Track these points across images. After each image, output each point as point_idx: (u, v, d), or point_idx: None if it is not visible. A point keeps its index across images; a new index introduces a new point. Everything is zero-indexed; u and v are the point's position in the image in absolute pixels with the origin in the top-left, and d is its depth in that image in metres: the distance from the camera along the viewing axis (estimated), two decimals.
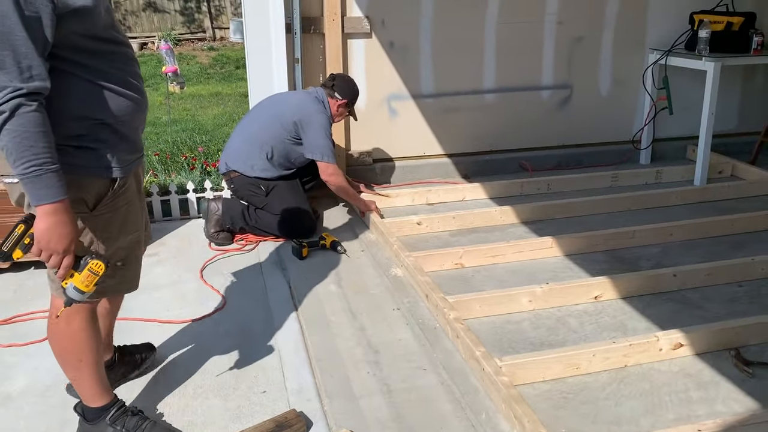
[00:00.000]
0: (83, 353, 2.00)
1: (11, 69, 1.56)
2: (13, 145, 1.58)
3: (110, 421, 2.08)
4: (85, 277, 1.77)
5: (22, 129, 1.58)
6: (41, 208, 1.65)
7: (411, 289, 3.05)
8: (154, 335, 2.74)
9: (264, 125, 3.71)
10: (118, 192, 1.88)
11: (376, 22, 4.34)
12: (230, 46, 13.19)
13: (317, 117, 3.64)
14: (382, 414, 2.21)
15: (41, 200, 1.64)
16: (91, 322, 2.00)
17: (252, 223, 3.65)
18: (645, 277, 3.04)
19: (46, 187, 1.63)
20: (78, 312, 1.95)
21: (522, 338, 2.67)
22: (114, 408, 2.10)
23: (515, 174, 4.68)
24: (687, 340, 2.51)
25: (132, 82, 1.85)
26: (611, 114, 4.93)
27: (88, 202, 1.83)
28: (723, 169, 4.62)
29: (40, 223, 1.66)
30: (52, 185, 1.63)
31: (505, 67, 4.63)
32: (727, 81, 4.59)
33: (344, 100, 3.76)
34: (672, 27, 4.70)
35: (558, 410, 2.24)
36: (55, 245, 1.69)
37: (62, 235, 1.68)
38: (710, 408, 2.24)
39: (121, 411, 2.10)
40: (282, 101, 3.80)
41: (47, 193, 1.63)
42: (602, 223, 3.81)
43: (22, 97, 1.57)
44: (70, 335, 1.98)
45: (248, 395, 2.35)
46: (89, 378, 2.04)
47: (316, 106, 3.69)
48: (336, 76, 3.83)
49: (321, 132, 3.63)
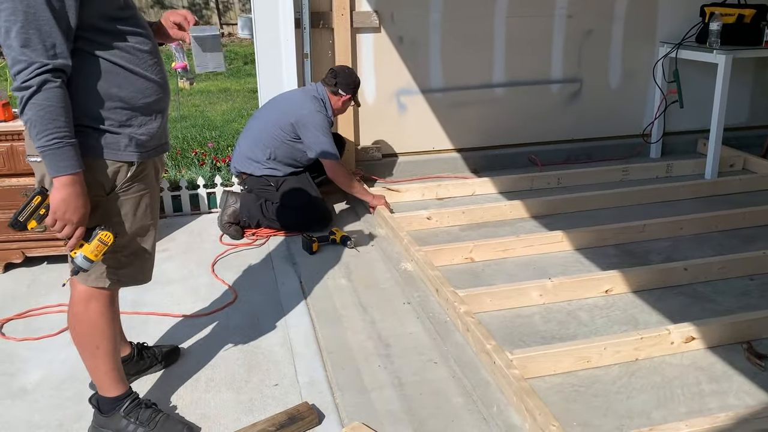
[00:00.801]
0: (101, 340, 2.03)
1: (37, 46, 1.64)
2: (38, 118, 1.66)
3: (124, 413, 2.10)
4: (95, 247, 1.82)
5: (47, 104, 1.65)
6: (59, 179, 1.71)
7: (421, 283, 3.06)
8: (166, 329, 2.76)
9: (264, 128, 3.75)
10: (135, 177, 1.91)
11: (385, 16, 4.34)
12: (238, 42, 13.22)
13: (314, 118, 3.64)
14: (394, 407, 2.21)
15: (60, 171, 1.70)
16: (109, 308, 2.03)
17: (269, 215, 3.68)
18: (656, 270, 3.03)
19: (66, 159, 1.70)
20: (96, 297, 1.99)
21: (532, 332, 2.67)
22: (128, 400, 2.12)
23: (525, 168, 4.67)
24: (699, 333, 2.50)
25: (153, 66, 1.89)
26: (621, 108, 4.91)
27: (105, 185, 1.86)
28: (734, 162, 4.60)
29: (57, 194, 1.72)
30: (70, 157, 1.70)
31: (515, 61, 4.62)
32: (738, 74, 4.56)
33: (348, 95, 3.77)
34: (683, 19, 4.67)
35: (569, 403, 2.24)
36: (70, 216, 1.75)
37: (77, 206, 1.75)
38: (722, 401, 2.23)
39: (134, 403, 2.12)
40: (280, 103, 3.82)
41: (66, 165, 1.70)
42: (612, 217, 3.80)
43: (47, 74, 1.64)
44: (88, 321, 2.01)
45: (260, 388, 2.36)
46: (105, 366, 2.06)
47: (313, 105, 3.67)
48: (336, 72, 3.80)
49: (318, 132, 3.64)
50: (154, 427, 2.10)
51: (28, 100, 1.65)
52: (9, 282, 3.18)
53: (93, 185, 1.82)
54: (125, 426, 2.09)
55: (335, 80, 3.76)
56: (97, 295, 1.99)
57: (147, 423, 2.10)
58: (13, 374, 2.48)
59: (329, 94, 3.76)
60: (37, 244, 3.24)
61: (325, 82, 3.79)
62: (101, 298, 2.00)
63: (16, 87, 1.66)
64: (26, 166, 3.09)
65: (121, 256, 1.98)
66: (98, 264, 1.90)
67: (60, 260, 3.33)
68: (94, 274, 1.95)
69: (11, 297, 3.05)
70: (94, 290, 1.99)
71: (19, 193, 3.11)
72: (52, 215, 1.75)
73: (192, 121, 7.37)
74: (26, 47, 1.63)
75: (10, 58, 1.65)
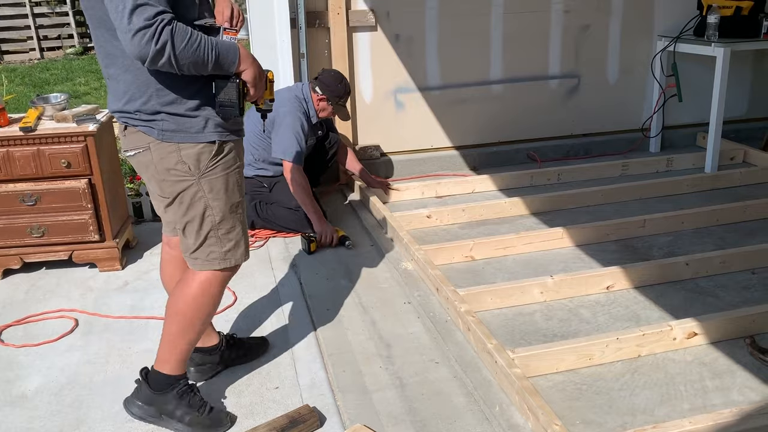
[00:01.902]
0: (200, 319, 2.09)
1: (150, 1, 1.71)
2: (194, 56, 1.78)
3: (178, 395, 2.12)
4: (270, 88, 2.09)
5: (186, 40, 1.75)
6: (242, 64, 1.90)
7: (421, 283, 3.05)
8: None
9: (249, 128, 3.70)
10: (218, 156, 1.98)
11: (381, 14, 4.32)
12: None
13: (287, 117, 3.59)
14: (395, 408, 2.20)
15: (235, 61, 1.88)
16: (221, 292, 2.12)
17: (263, 215, 3.66)
18: (657, 266, 3.01)
19: (227, 49, 1.86)
20: (218, 279, 2.08)
21: (534, 330, 2.66)
22: (183, 383, 2.15)
23: (524, 165, 4.65)
24: (701, 328, 2.49)
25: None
26: (620, 102, 4.89)
27: (191, 168, 1.95)
28: (734, 155, 4.58)
29: (249, 73, 1.92)
30: (229, 47, 1.87)
31: (512, 57, 4.60)
32: (737, 66, 4.55)
33: (323, 95, 3.66)
34: (680, 13, 4.65)
35: (572, 401, 2.23)
36: (262, 75, 1.98)
37: (258, 66, 1.96)
38: (726, 397, 2.22)
39: (188, 388, 2.16)
40: None
41: (234, 53, 1.88)
42: (613, 212, 3.79)
43: (167, 25, 1.72)
44: (200, 301, 2.07)
45: (261, 391, 2.35)
46: (187, 344, 2.11)
47: (291, 104, 3.62)
48: (323, 71, 3.75)
49: (289, 132, 3.57)
50: (203, 413, 2.13)
51: (175, 54, 1.73)
52: (7, 288, 3.17)
53: (181, 169, 1.94)
54: (174, 408, 2.12)
55: (317, 77, 3.71)
56: (218, 277, 2.08)
57: (198, 409, 2.13)
58: (12, 381, 2.47)
59: (311, 92, 3.71)
60: (35, 249, 3.22)
61: (315, 78, 3.74)
62: (222, 280, 2.09)
63: (153, 54, 1.70)
64: (23, 172, 3.08)
65: (222, 236, 2.04)
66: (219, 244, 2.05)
67: (58, 266, 3.32)
68: (200, 258, 2.05)
69: (10, 303, 3.03)
70: (215, 273, 2.06)
71: (17, 198, 3.10)
72: (254, 87, 1.95)
73: None
74: (139, 11, 1.68)
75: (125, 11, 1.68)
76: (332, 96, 3.67)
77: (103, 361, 2.56)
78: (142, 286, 3.15)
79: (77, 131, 3.09)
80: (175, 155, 1.93)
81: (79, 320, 2.86)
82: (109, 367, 2.52)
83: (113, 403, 2.29)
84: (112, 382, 2.43)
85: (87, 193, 3.14)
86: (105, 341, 2.70)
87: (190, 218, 2.01)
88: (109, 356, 2.60)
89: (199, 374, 2.39)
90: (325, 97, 3.67)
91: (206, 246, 2.04)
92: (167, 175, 1.97)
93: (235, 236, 2.08)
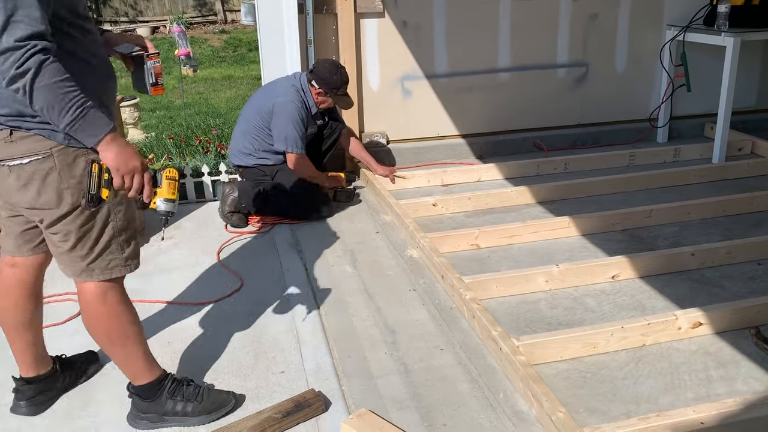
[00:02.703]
0: (128, 328, 2.01)
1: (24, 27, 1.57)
2: (54, 97, 1.61)
3: (169, 394, 2.10)
4: (168, 186, 1.87)
5: (55, 79, 1.61)
6: (103, 141, 1.70)
7: (427, 270, 3.05)
8: (171, 316, 2.77)
9: (249, 117, 3.74)
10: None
11: (389, 1, 4.30)
12: (242, 29, 13.16)
13: (286, 108, 3.59)
14: (400, 393, 2.21)
15: (99, 134, 1.70)
16: (124, 296, 2.01)
17: (269, 202, 3.68)
18: (663, 256, 3.01)
19: (98, 119, 1.69)
20: (111, 288, 1.96)
21: (539, 318, 2.67)
22: (168, 381, 2.11)
23: (531, 154, 4.64)
24: (706, 318, 2.49)
25: (104, 56, 1.92)
26: (628, 92, 4.86)
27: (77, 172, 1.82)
28: (742, 146, 4.56)
29: (109, 153, 1.72)
30: (100, 116, 1.70)
31: (520, 45, 4.58)
32: (746, 57, 4.51)
33: (321, 89, 3.65)
34: (690, 2, 4.61)
35: (576, 389, 2.23)
36: (133, 164, 1.75)
37: (131, 153, 1.75)
38: (730, 387, 2.22)
39: (176, 383, 2.12)
40: (266, 90, 3.79)
41: (101, 124, 1.70)
42: (619, 202, 3.78)
43: (40, 53, 1.58)
44: (108, 313, 1.98)
45: (267, 375, 2.37)
46: (138, 352, 2.05)
47: (290, 95, 3.61)
48: (318, 62, 3.73)
49: (288, 123, 3.58)
50: (202, 400, 2.11)
51: (33, 84, 1.58)
52: None
53: (68, 174, 1.81)
54: (173, 406, 2.10)
55: (312, 71, 3.70)
56: (111, 286, 1.96)
57: (194, 398, 2.11)
58: None
59: (309, 85, 3.69)
60: None
61: (311, 70, 3.73)
62: (115, 287, 1.98)
63: (10, 77, 1.58)
64: None
65: (122, 240, 1.95)
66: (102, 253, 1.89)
67: None
68: (98, 268, 1.92)
69: None
70: (106, 283, 1.95)
71: None
72: (117, 173, 1.73)
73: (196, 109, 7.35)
74: (10, 29, 1.55)
75: None
76: (330, 89, 3.65)
77: None
78: (147, 270, 3.16)
79: None
80: (84, 159, 1.81)
81: None
82: None
83: (119, 384, 2.30)
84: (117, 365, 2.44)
85: None
86: None
87: (91, 226, 1.87)
88: None
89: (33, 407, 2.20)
90: (322, 90, 3.66)
91: (107, 254, 1.92)
92: (72, 181, 1.82)
93: (134, 241, 2.00)
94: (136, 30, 12.92)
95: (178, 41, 3.49)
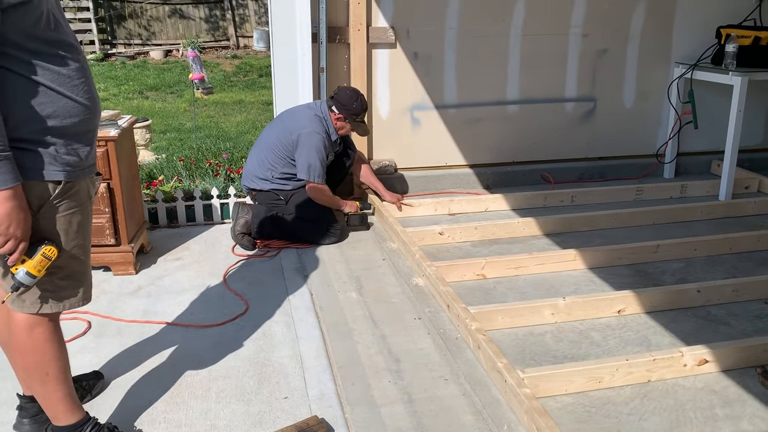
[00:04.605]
0: (49, 365, 1.92)
1: None
2: None
3: None
4: (38, 262, 1.77)
5: None
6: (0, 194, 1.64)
7: (432, 299, 3.05)
8: (176, 338, 2.77)
9: (269, 146, 3.77)
10: (63, 195, 1.81)
11: (401, 32, 4.37)
12: (253, 55, 13.34)
13: (311, 138, 3.65)
14: (403, 423, 2.20)
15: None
16: (55, 333, 1.93)
17: (280, 227, 3.71)
18: (669, 292, 3.01)
19: (4, 173, 1.62)
20: (40, 323, 1.89)
21: (544, 351, 2.66)
22: (88, 426, 2.02)
23: (538, 186, 4.67)
24: (712, 356, 2.48)
25: (80, 86, 1.80)
26: (635, 127, 4.90)
27: (32, 205, 1.76)
28: (749, 184, 4.58)
29: (1, 208, 1.64)
30: (8, 171, 1.63)
31: (529, 78, 4.64)
32: (753, 96, 4.55)
33: (340, 114, 3.73)
34: (698, 41, 4.68)
35: (580, 424, 2.22)
36: (14, 230, 1.68)
37: (20, 219, 1.69)
38: (736, 426, 2.21)
39: (96, 429, 2.03)
40: (286, 119, 3.83)
41: (4, 179, 1.63)
42: (626, 236, 3.79)
43: None
44: (34, 348, 1.89)
45: (270, 401, 2.36)
46: (58, 392, 1.95)
47: (313, 126, 3.68)
48: (339, 89, 3.81)
49: (312, 153, 3.64)
50: None
51: None
52: None
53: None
54: None
55: (333, 96, 3.78)
56: (40, 320, 1.88)
57: None
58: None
59: (329, 110, 3.77)
60: None
61: (331, 96, 3.81)
62: (44, 323, 1.89)
63: None
64: None
65: (56, 279, 1.87)
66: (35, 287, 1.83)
67: None
68: (29, 300, 1.85)
69: None
70: (35, 317, 1.87)
71: None
72: None
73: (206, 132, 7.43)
74: None
75: None
76: (349, 114, 3.73)
77: (114, 364, 2.58)
78: (154, 291, 3.18)
79: (98, 136, 3.13)
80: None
81: (92, 322, 2.89)
82: (120, 370, 2.54)
83: (123, 404, 2.31)
84: (122, 385, 2.45)
85: (105, 196, 3.18)
86: (117, 344, 2.73)
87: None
88: (121, 359, 2.62)
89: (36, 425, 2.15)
90: (342, 116, 3.73)
91: (39, 288, 1.85)
92: None
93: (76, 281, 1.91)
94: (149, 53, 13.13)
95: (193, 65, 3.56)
